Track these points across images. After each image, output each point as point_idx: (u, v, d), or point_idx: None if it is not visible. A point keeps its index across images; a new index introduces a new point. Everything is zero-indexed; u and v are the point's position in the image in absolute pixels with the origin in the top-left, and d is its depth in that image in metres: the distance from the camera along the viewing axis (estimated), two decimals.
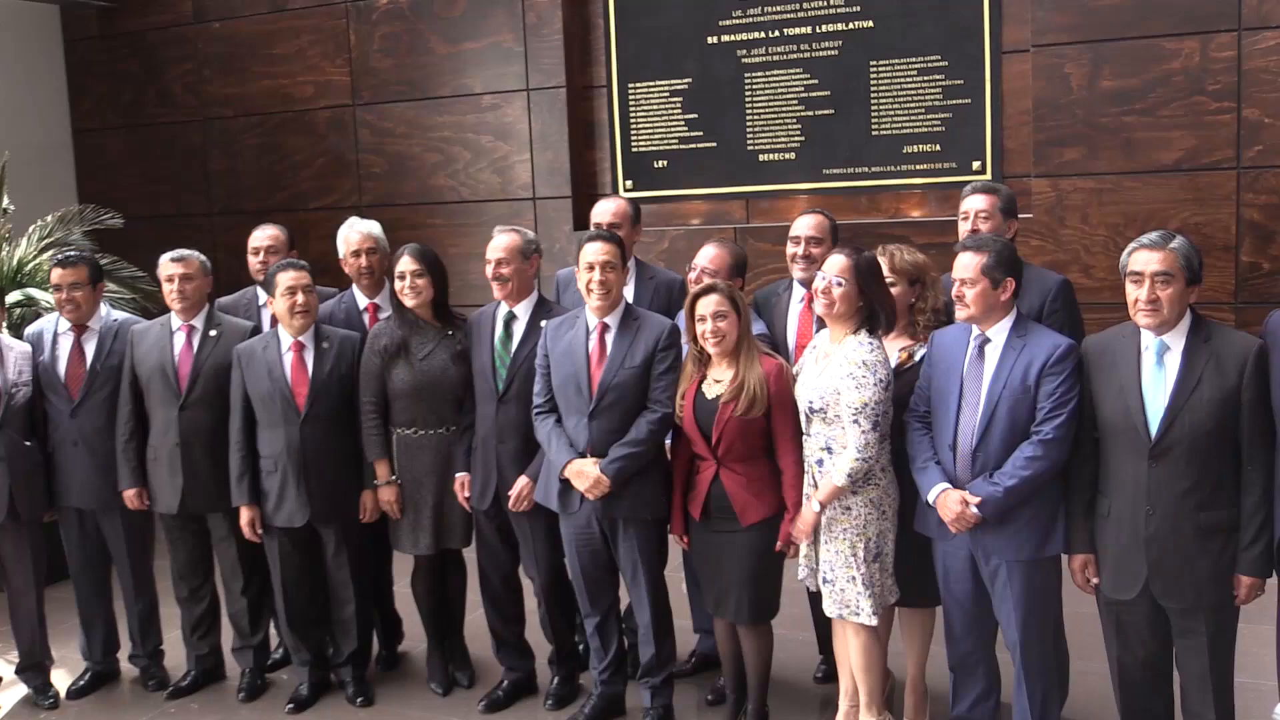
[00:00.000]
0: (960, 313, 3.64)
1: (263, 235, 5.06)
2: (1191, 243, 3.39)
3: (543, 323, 4.29)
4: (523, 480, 4.31)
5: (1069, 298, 4.15)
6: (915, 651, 4.11)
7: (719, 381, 3.91)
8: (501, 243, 4.37)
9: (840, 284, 3.72)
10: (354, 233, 4.84)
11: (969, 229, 4.22)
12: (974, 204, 4.27)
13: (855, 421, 3.65)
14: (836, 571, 3.79)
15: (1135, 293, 3.36)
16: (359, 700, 4.68)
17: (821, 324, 3.94)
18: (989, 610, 3.76)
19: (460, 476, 4.46)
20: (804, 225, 4.46)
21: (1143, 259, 3.35)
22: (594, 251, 4.10)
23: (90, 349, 4.73)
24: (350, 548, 4.60)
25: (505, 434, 4.33)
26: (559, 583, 4.48)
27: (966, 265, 3.59)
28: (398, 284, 4.44)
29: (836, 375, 3.70)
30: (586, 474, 4.05)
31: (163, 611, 5.00)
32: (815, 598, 4.13)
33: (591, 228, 4.63)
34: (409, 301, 4.44)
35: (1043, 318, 3.92)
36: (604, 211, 4.79)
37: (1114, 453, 3.45)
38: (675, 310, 4.54)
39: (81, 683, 4.93)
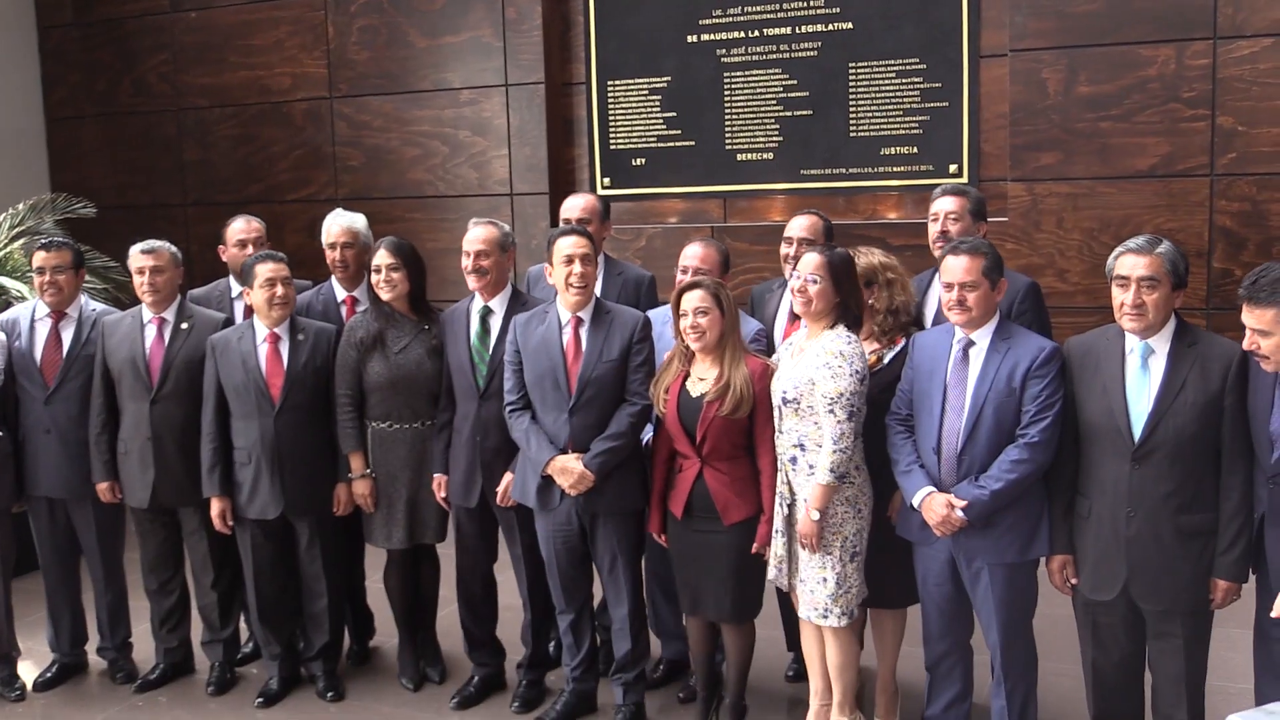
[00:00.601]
0: (959, 317, 3.59)
1: (248, 227, 5.02)
2: (1178, 248, 3.41)
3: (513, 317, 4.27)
4: (509, 476, 4.29)
5: (1037, 300, 4.17)
6: (886, 652, 4.12)
7: (703, 380, 3.90)
8: (480, 235, 4.33)
9: (816, 281, 3.71)
10: (334, 224, 4.81)
11: (938, 230, 4.25)
12: (944, 205, 4.29)
13: (831, 411, 3.63)
14: (809, 573, 3.79)
15: (1121, 296, 3.37)
16: (329, 695, 4.65)
17: None
18: (967, 612, 3.77)
19: (438, 477, 4.43)
20: (797, 226, 4.46)
21: (1129, 263, 3.37)
22: (571, 244, 4.08)
23: (67, 336, 4.68)
24: (323, 541, 4.58)
25: (489, 430, 4.29)
26: (543, 580, 4.42)
27: (968, 268, 3.54)
28: (373, 277, 4.41)
29: (811, 366, 3.68)
30: (570, 470, 4.03)
31: (131, 604, 4.96)
32: (785, 596, 4.13)
33: (561, 223, 4.62)
34: (384, 295, 4.41)
35: (1011, 319, 3.93)
36: (573, 207, 4.78)
37: (1095, 454, 3.47)
38: (644, 307, 4.53)
39: (49, 674, 4.88)
